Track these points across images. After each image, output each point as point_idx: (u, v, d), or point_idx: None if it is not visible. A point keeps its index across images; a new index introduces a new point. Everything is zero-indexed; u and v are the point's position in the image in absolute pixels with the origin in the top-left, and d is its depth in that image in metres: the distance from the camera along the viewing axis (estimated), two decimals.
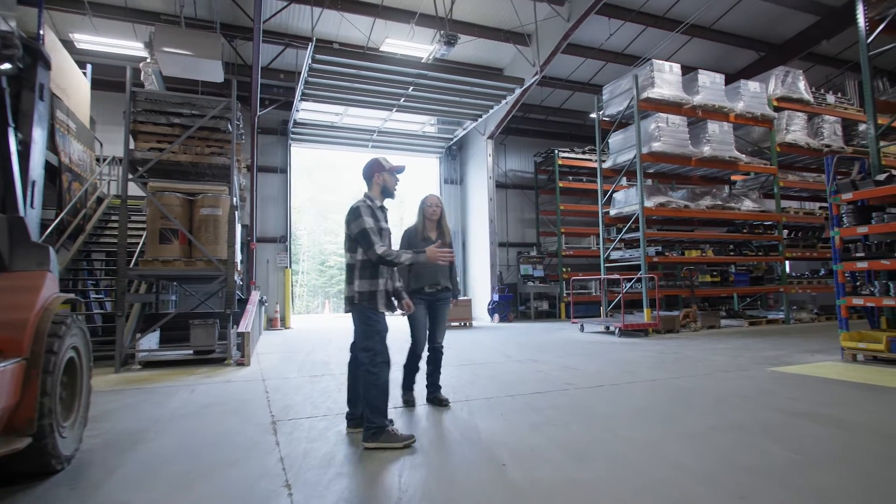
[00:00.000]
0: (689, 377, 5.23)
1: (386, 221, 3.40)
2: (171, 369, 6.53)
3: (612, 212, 11.40)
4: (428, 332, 4.22)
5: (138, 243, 8.55)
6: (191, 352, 7.02)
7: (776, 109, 11.77)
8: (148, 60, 10.18)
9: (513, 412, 3.91)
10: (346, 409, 3.55)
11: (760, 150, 12.39)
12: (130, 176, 6.90)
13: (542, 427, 3.48)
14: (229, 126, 7.14)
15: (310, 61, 10.13)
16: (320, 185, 34.28)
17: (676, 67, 10.62)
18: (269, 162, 14.29)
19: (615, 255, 11.68)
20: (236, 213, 8.98)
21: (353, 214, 3.22)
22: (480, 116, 13.78)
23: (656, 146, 10.28)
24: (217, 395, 4.80)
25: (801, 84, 12.13)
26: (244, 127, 11.49)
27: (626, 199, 11.10)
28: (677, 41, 13.21)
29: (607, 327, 10.23)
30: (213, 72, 10.21)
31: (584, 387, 4.83)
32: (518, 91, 12.26)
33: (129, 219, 10.13)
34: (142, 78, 10.22)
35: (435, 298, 4.22)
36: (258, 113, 12.43)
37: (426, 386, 4.32)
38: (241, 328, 7.14)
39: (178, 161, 7.00)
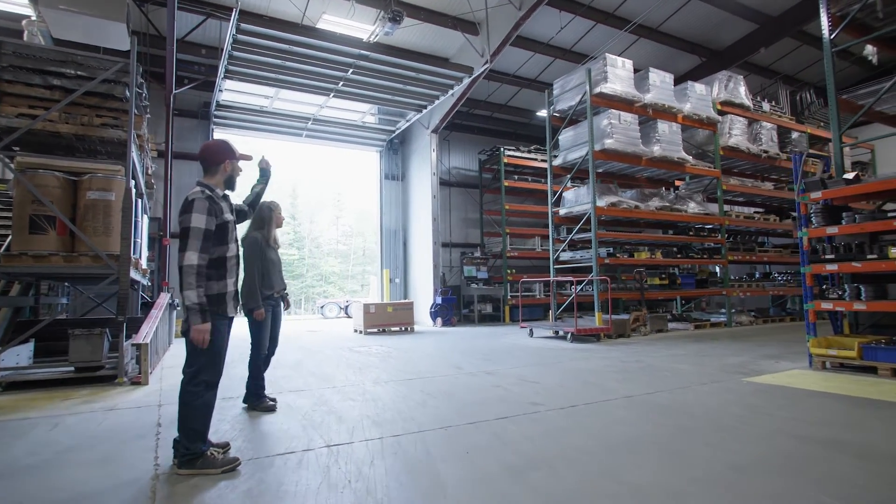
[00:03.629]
0: (665, 392, 4.66)
1: (231, 213, 3.05)
2: (43, 391, 5.19)
3: (562, 211, 10.94)
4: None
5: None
6: (72, 369, 5.69)
7: (720, 113, 11.79)
8: (32, 18, 8.52)
9: (480, 449, 3.10)
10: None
11: (704, 153, 12.41)
12: None
13: (522, 472, 2.69)
14: (126, 92, 5.86)
15: (234, 31, 8.93)
16: (248, 177, 32.20)
17: (629, 63, 10.31)
18: (188, 148, 12.70)
19: (564, 256, 11.25)
20: (140, 200, 7.64)
21: (186, 208, 2.78)
22: (425, 108, 12.98)
23: (609, 143, 9.89)
24: (89, 432, 3.64)
25: (742, 89, 12.27)
26: (155, 103, 10.00)
27: (577, 199, 10.67)
28: (625, 41, 13.03)
29: (557, 332, 9.71)
30: (118, 37, 8.66)
31: (556, 408, 4.11)
32: (466, 81, 11.57)
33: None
34: (24, 39, 8.53)
35: (277, 303, 4.36)
36: (174, 91, 10.92)
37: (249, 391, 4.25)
38: (139, 339, 5.88)
39: (58, 132, 5.64)
